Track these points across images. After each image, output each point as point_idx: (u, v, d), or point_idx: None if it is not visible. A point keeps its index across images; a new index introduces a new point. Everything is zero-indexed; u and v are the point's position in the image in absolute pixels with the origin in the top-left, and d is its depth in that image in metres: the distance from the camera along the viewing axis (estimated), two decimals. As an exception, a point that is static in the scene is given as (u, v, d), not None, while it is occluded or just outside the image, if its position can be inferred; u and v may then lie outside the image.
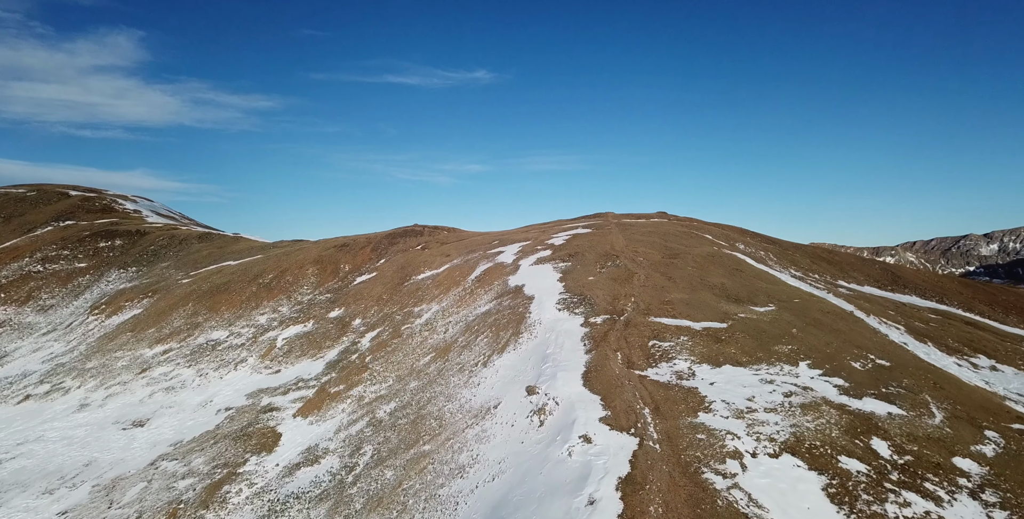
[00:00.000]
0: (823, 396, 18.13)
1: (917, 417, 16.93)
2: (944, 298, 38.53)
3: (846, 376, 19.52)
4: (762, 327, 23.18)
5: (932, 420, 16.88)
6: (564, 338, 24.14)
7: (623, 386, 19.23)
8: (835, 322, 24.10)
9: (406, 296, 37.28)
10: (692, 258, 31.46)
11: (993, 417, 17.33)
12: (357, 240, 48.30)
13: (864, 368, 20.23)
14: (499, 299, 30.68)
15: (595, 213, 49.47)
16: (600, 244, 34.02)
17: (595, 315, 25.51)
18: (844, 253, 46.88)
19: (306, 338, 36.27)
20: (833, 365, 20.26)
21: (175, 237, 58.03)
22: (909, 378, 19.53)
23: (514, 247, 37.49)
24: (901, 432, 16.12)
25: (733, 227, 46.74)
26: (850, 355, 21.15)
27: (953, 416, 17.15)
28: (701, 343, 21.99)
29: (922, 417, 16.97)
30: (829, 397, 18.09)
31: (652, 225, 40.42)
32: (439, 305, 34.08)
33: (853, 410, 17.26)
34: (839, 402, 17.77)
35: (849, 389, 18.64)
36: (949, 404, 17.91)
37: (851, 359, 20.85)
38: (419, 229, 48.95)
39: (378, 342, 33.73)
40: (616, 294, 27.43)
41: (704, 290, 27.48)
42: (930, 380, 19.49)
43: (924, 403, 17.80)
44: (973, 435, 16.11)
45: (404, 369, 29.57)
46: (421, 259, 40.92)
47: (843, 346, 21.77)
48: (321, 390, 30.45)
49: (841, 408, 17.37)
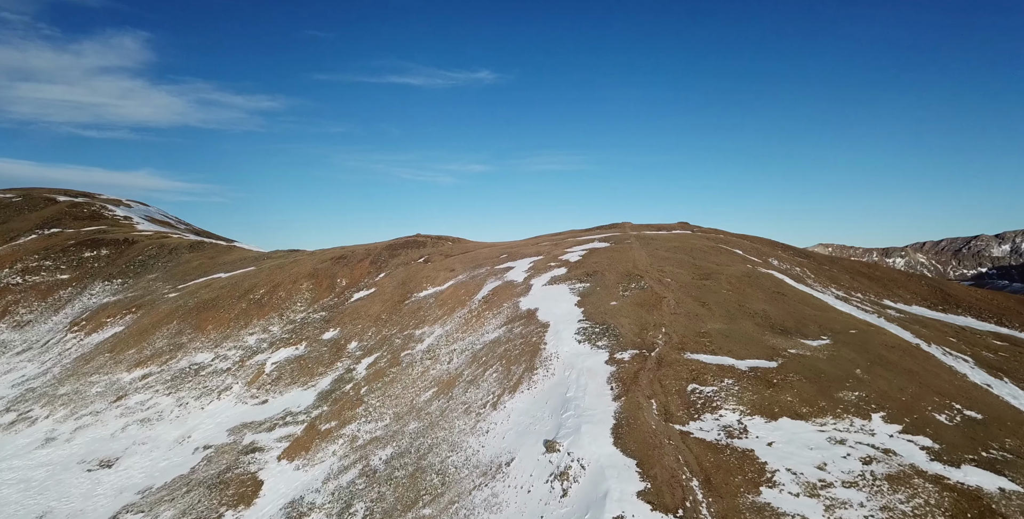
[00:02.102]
0: (911, 463, 14.79)
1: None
2: (1004, 319, 34.93)
3: (933, 434, 16.14)
4: (819, 367, 19.82)
5: (1058, 502, 13.46)
6: (587, 378, 20.87)
7: (663, 447, 15.94)
8: (903, 360, 20.69)
9: (407, 316, 34.18)
10: (726, 279, 28.10)
11: None
12: (355, 252, 45.27)
13: (952, 423, 16.83)
14: (509, 325, 27.46)
15: (611, 223, 46.20)
16: (621, 261, 30.75)
17: (621, 349, 22.22)
18: (885, 268, 43.34)
19: (297, 363, 33.20)
20: (914, 419, 16.88)
21: (164, 246, 55.23)
22: (1012, 437, 16.13)
23: (524, 262, 34.30)
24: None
25: (763, 239, 43.31)
26: (931, 404, 17.76)
27: (1083, 496, 13.71)
28: (750, 388, 18.66)
29: (1044, 497, 13.56)
30: (919, 465, 14.73)
31: (676, 239, 37.12)
32: (442, 328, 30.91)
33: (954, 485, 13.90)
34: (933, 472, 14.41)
35: (941, 453, 15.27)
36: (1071, 477, 14.47)
37: (933, 410, 17.45)
38: (422, 239, 45.86)
39: (375, 370, 30.58)
40: (644, 323, 24.14)
41: (744, 318, 24.13)
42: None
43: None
44: (1118, 526, 12.69)
45: (403, 405, 26.38)
46: (423, 274, 37.84)
47: (920, 392, 18.37)
48: (311, 427, 27.32)
49: (938, 481, 14.01)
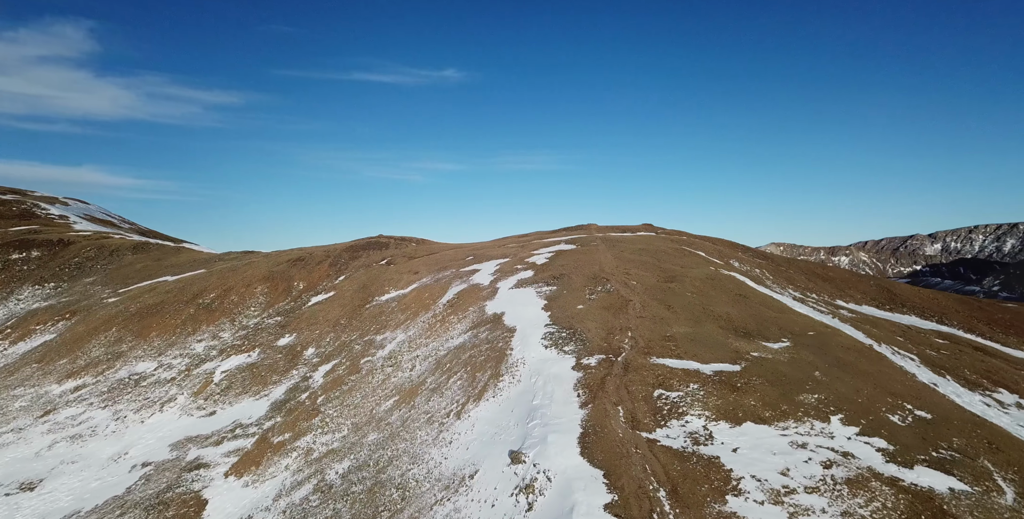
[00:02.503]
0: (868, 466, 15.05)
1: (985, 495, 13.98)
2: (944, 318, 36.78)
3: (888, 436, 16.53)
4: (781, 370, 20.09)
5: (1004, 499, 13.96)
6: (554, 385, 20.47)
7: (630, 456, 15.69)
8: (858, 361, 21.26)
9: (367, 321, 32.96)
10: (690, 281, 28.33)
11: (1068, 491, 14.54)
12: (314, 253, 43.46)
13: (904, 423, 17.31)
14: (475, 330, 26.80)
15: (577, 225, 46.14)
16: (587, 264, 30.58)
17: (588, 355, 21.95)
18: (837, 269, 45.03)
19: (249, 371, 31.45)
20: (870, 420, 17.26)
21: (105, 248, 51.60)
22: (959, 436, 16.70)
23: (491, 265, 33.67)
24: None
25: (724, 241, 44.20)
26: (885, 405, 18.23)
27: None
28: (715, 393, 18.69)
29: (991, 494, 14.04)
30: (876, 467, 15.01)
31: (641, 241, 37.32)
32: (405, 334, 29.93)
33: (908, 486, 14.20)
34: (889, 474, 14.70)
35: (896, 454, 15.62)
36: (1015, 474, 15.08)
37: (887, 411, 17.92)
38: (384, 240, 44.45)
39: (333, 378, 29.31)
40: (610, 327, 23.96)
41: (709, 322, 24.31)
42: (982, 438, 16.71)
43: (987, 473, 14.91)
44: (1059, 522, 13.21)
45: (362, 415, 25.32)
46: (386, 276, 36.62)
47: (874, 393, 18.86)
48: (262, 440, 25.86)
49: (893, 483, 14.29)
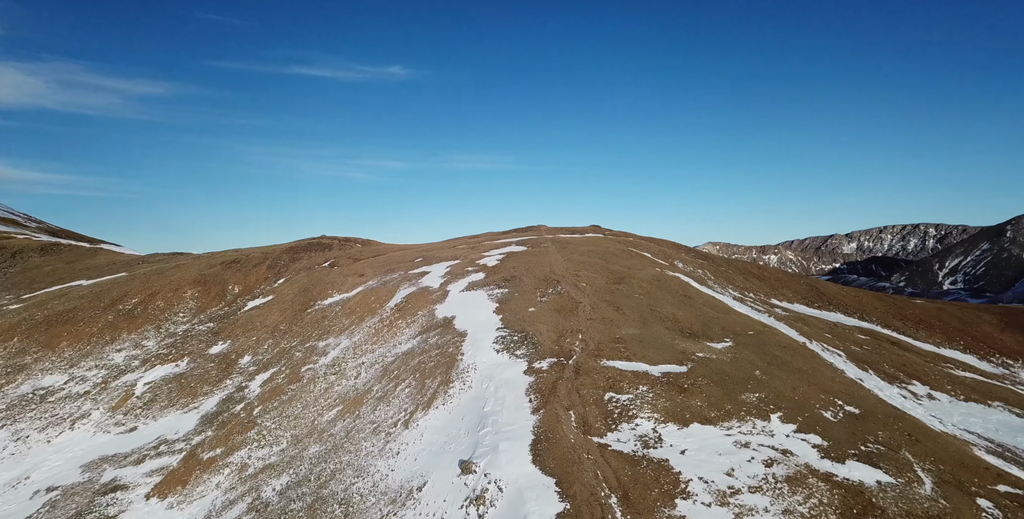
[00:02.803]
0: (806, 463, 15.70)
1: (907, 486, 14.91)
2: (864, 314, 39.55)
3: (822, 432, 17.36)
4: (725, 370, 20.72)
5: (923, 489, 14.94)
6: (505, 390, 20.13)
7: (582, 462, 15.59)
8: (794, 359, 22.30)
9: (309, 326, 31.30)
10: (638, 283, 28.83)
11: (976, 477, 15.82)
12: (251, 255, 40.88)
13: (836, 419, 18.25)
14: (424, 335, 26.01)
15: (527, 226, 46.07)
16: (538, 266, 30.47)
17: (540, 358, 21.77)
18: (771, 269, 47.50)
19: (177, 382, 29.06)
20: (806, 417, 18.07)
21: (5, 249, 46.28)
22: (883, 429, 17.79)
23: (440, 267, 32.88)
24: (900, 510, 13.92)
25: (668, 242, 45.52)
26: (818, 402, 19.17)
27: (941, 481, 15.37)
28: (663, 394, 18.98)
29: (912, 485, 14.99)
30: (812, 464, 15.68)
31: (589, 242, 37.72)
32: (350, 339, 28.64)
33: (841, 481, 14.92)
34: (824, 470, 15.40)
35: (830, 450, 16.41)
36: (931, 464, 16.21)
37: (820, 407, 18.85)
38: (327, 241, 42.47)
39: (271, 388, 27.61)
40: (562, 330, 23.92)
41: (656, 323, 24.78)
42: (903, 431, 17.88)
43: (908, 464, 15.93)
44: (970, 507, 14.30)
45: (303, 426, 23.97)
46: (329, 279, 34.95)
47: (809, 391, 19.80)
48: (190, 456, 23.93)
49: (828, 479, 14.98)
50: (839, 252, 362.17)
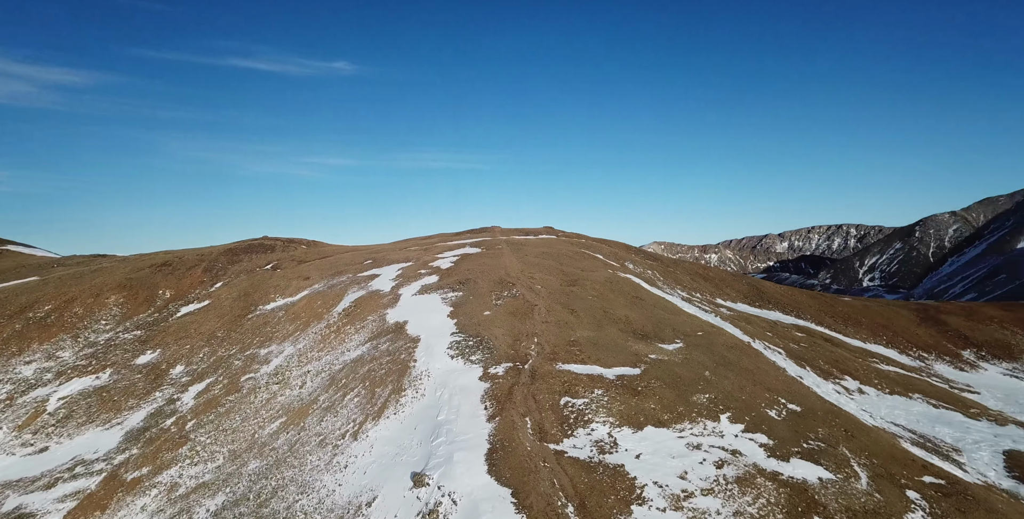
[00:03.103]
0: (754, 462, 16.18)
1: (846, 481, 15.65)
2: (800, 312, 41.76)
3: (767, 430, 17.97)
4: (676, 371, 21.11)
5: (860, 484, 15.72)
6: (460, 398, 19.61)
7: (538, 471, 15.34)
8: (740, 359, 23.07)
9: (250, 333, 29.44)
10: (591, 285, 29.02)
11: (905, 469, 16.85)
12: (185, 257, 38.02)
13: (780, 417, 18.97)
14: (375, 341, 25.01)
15: (481, 228, 45.57)
16: (493, 268, 30.07)
17: (496, 363, 21.39)
18: (715, 269, 49.33)
19: (97, 396, 26.52)
20: (752, 417, 18.67)
21: None
22: (822, 426, 18.66)
23: (392, 270, 31.80)
24: (840, 506, 14.57)
25: (618, 244, 46.30)
26: (764, 401, 19.88)
27: (875, 475, 16.26)
28: (618, 398, 19.07)
29: (850, 481, 15.74)
30: (760, 463, 16.18)
31: (543, 244, 37.71)
32: (294, 346, 27.15)
33: (787, 479, 15.46)
34: (771, 469, 15.91)
35: (775, 449, 17.00)
36: (866, 458, 17.13)
37: (766, 406, 19.54)
38: (270, 243, 40.17)
39: (207, 399, 25.74)
40: (517, 333, 23.64)
41: (610, 325, 24.98)
42: (840, 427, 18.83)
43: (846, 460, 16.74)
44: (900, 500, 15.17)
45: (242, 441, 22.46)
46: (272, 283, 33.02)
47: (755, 390, 20.51)
48: (112, 477, 21.89)
49: (775, 478, 15.48)
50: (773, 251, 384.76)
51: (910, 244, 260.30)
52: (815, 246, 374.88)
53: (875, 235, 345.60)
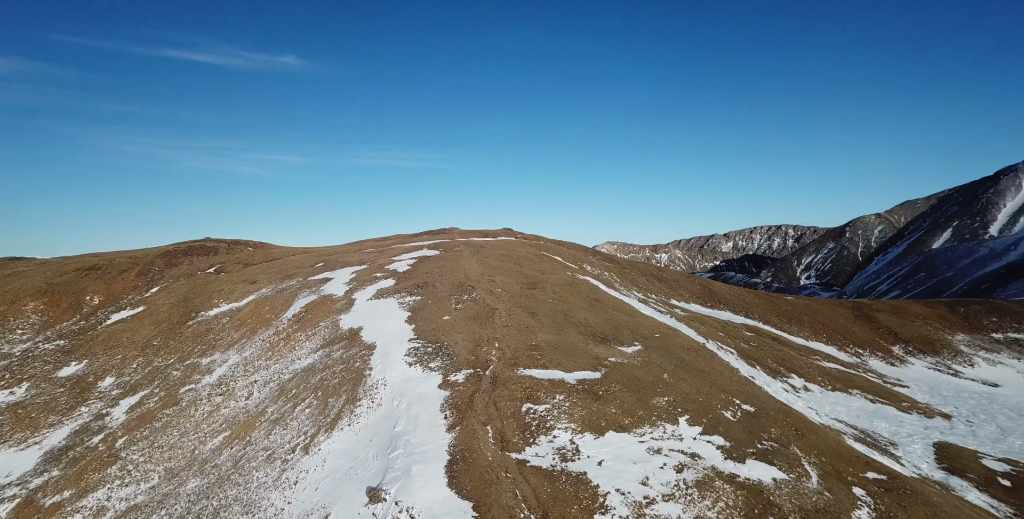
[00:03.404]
0: (712, 465, 16.45)
1: (798, 481, 16.16)
2: (749, 312, 43.42)
3: (724, 432, 18.36)
4: (636, 374, 21.28)
5: (811, 483, 16.28)
6: (419, 407, 18.95)
7: (500, 482, 14.98)
8: (696, 361, 23.56)
9: (190, 341, 27.48)
10: (551, 288, 28.93)
11: (851, 466, 17.61)
12: (116, 260, 35.09)
13: (736, 418, 19.44)
14: (328, 348, 23.87)
15: (439, 229, 44.70)
16: (452, 271, 29.44)
17: (456, 370, 20.84)
18: (669, 270, 50.58)
19: (11, 413, 23.96)
20: (709, 419, 19.03)
21: None
22: (775, 426, 19.25)
23: (345, 273, 30.53)
24: (793, 506, 15.02)
25: (576, 245, 46.64)
26: (720, 402, 20.33)
27: (825, 473, 16.89)
28: (579, 403, 18.98)
29: (802, 480, 16.28)
30: (718, 465, 16.47)
31: (503, 246, 37.38)
32: (240, 355, 25.56)
33: (743, 481, 15.80)
34: (728, 472, 16.23)
35: (732, 450, 17.37)
36: (815, 457, 17.78)
37: (722, 407, 19.99)
38: (213, 245, 37.75)
39: (141, 413, 23.81)
40: (478, 338, 23.17)
41: (570, 328, 24.93)
42: (791, 426, 19.49)
43: (797, 459, 17.32)
44: (848, 497, 15.81)
45: (180, 458, 20.88)
46: (215, 287, 30.97)
47: (711, 392, 20.96)
48: (27, 503, 19.84)
49: (732, 480, 15.79)
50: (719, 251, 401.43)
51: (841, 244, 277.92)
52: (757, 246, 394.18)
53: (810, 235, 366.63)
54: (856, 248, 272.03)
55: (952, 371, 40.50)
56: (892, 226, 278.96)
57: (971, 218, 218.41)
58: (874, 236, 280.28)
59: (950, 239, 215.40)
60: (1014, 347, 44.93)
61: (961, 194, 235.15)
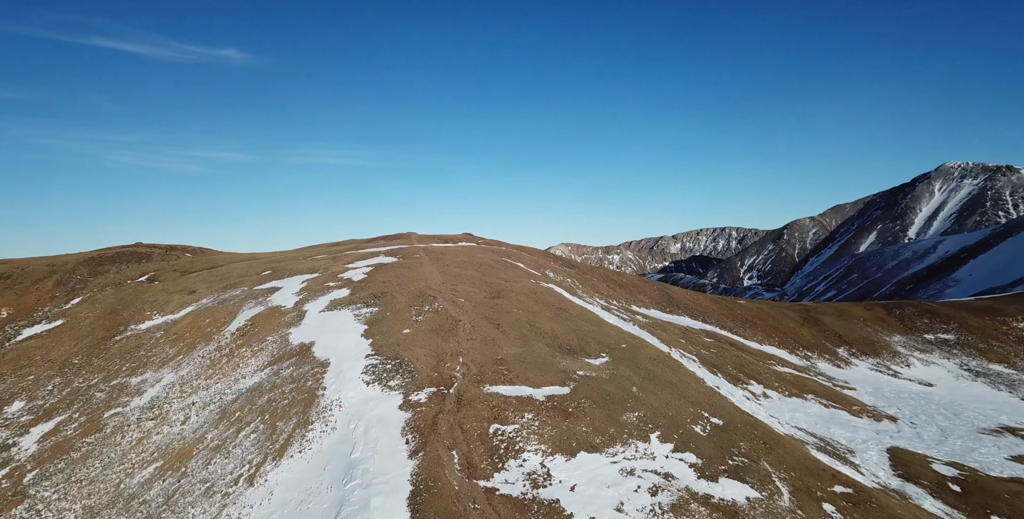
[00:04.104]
0: (686, 486, 16.04)
1: (771, 499, 16.00)
2: (706, 317, 44.19)
3: (695, 449, 18.05)
4: (604, 388, 20.72)
5: (783, 501, 16.16)
6: (377, 431, 17.58)
7: (468, 515, 13.93)
8: (664, 372, 23.30)
9: (118, 358, 24.73)
10: (516, 296, 28.06)
11: (819, 481, 17.68)
12: (29, 268, 31.27)
13: (706, 433, 19.21)
14: (276, 365, 21.97)
15: (396, 234, 42.89)
16: (412, 280, 28.00)
17: (417, 389, 19.56)
18: (628, 275, 50.87)
19: None
20: (680, 434, 18.69)
21: None
22: (744, 440, 19.15)
23: (295, 282, 28.45)
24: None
25: (537, 251, 46.06)
26: (689, 416, 20.07)
27: (795, 489, 16.85)
28: (549, 422, 18.18)
29: (774, 498, 16.13)
30: (692, 486, 16.08)
31: (464, 252, 36.19)
32: (176, 374, 23.16)
33: (718, 502, 15.47)
34: (703, 492, 15.86)
35: (704, 468, 17.05)
36: (785, 472, 17.75)
37: (691, 421, 19.72)
38: (145, 250, 34.38)
39: (55, 443, 21.09)
40: (441, 353, 21.95)
41: (536, 340, 24.13)
42: (759, 439, 19.44)
43: (768, 476, 17.20)
44: (819, 514, 15.80)
45: (102, 493, 18.55)
46: (148, 297, 28.08)
47: (680, 405, 20.68)
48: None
49: (707, 502, 15.42)
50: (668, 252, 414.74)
51: (780, 246, 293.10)
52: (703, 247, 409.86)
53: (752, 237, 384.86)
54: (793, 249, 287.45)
55: (892, 372, 42.66)
56: (825, 229, 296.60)
57: (892, 222, 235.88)
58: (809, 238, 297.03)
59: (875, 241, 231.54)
60: (943, 347, 47.96)
61: (883, 199, 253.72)
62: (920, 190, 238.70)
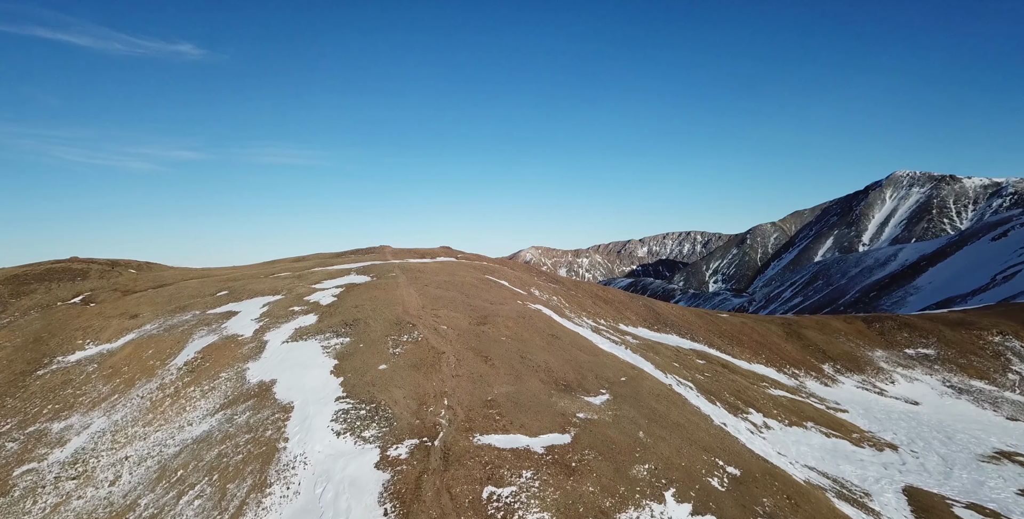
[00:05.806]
0: (712, 558, 13.90)
1: (805, 569, 14.01)
2: (693, 334, 42.75)
3: (716, 509, 16.00)
4: (609, 434, 18.48)
5: (819, 570, 14.20)
6: (349, 497, 14.81)
7: (465, 619, 11.37)
8: (669, 410, 21.27)
9: (38, 397, 21.05)
10: (503, 322, 25.62)
11: (849, 540, 15.85)
12: (-63, 282, 26.90)
13: (724, 488, 17.19)
14: (229, 409, 18.83)
15: (368, 248, 39.79)
16: (388, 303, 25.17)
17: (397, 441, 16.85)
18: (613, 291, 49.10)
19: None
20: (697, 490, 16.60)
21: None
22: (766, 495, 17.23)
23: (255, 305, 25.20)
24: (810, 610, 12.73)
25: (521, 265, 43.74)
26: (703, 465, 18.03)
27: (829, 555, 14.92)
28: (551, 481, 15.79)
29: (809, 567, 14.15)
30: (718, 557, 13.95)
31: (443, 270, 33.49)
32: (108, 418, 19.72)
33: (750, 578, 13.36)
34: (731, 565, 13.74)
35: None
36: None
37: (706, 473, 17.69)
38: (80, 266, 30.24)
39: (-48, 511, 17.36)
40: (423, 394, 19.27)
41: (529, 375, 21.73)
42: (781, 492, 17.59)
43: (797, 538, 15.26)
44: (860, 587, 13.85)
45: (6, 583, 15.10)
46: (80, 323, 24.30)
47: (692, 452, 18.64)
48: None
49: (738, 578, 13.30)
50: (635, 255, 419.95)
51: (743, 250, 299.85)
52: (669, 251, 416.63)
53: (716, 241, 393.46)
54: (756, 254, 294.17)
55: (877, 389, 42.11)
56: (785, 234, 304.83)
57: (848, 227, 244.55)
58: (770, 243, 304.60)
59: (832, 247, 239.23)
60: (924, 363, 47.96)
61: (839, 206, 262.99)
62: (873, 197, 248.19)
